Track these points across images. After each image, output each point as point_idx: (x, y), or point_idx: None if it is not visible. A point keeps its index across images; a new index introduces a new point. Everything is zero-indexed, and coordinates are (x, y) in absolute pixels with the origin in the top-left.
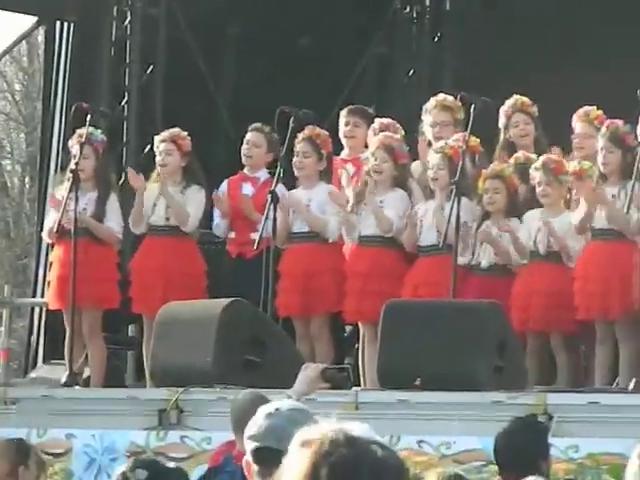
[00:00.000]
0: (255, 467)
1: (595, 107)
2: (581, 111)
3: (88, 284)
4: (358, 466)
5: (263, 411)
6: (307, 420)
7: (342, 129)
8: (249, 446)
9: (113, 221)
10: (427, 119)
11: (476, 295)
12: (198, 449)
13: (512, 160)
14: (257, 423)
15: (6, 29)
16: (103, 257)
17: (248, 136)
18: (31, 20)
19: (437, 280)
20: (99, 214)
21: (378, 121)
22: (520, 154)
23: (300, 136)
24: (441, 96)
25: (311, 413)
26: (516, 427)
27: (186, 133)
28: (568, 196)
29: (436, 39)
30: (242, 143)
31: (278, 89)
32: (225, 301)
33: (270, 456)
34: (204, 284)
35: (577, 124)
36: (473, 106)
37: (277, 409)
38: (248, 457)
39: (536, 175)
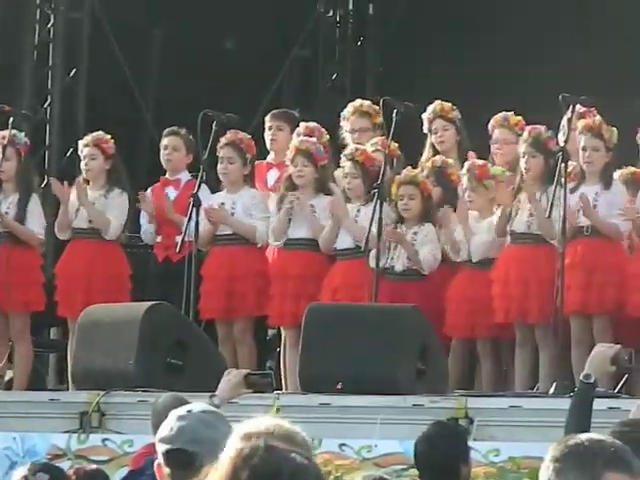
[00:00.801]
0: (166, 470)
1: (513, 113)
2: (499, 117)
3: (14, 288)
4: (278, 471)
5: (175, 413)
6: (220, 422)
7: (266, 133)
8: (160, 448)
9: (34, 223)
10: (346, 125)
11: (389, 299)
12: (120, 452)
13: (429, 164)
14: (169, 425)
15: None
16: (27, 260)
17: (165, 141)
18: None
19: (355, 283)
20: (21, 217)
21: (303, 125)
22: (437, 158)
23: (223, 141)
24: (358, 102)
25: (224, 416)
26: (436, 431)
27: (109, 137)
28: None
29: (359, 43)
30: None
31: (203, 92)
32: (147, 304)
33: (182, 458)
34: (128, 287)
35: (496, 130)
36: (395, 111)
37: (189, 411)
38: (160, 460)
39: (463, 181)
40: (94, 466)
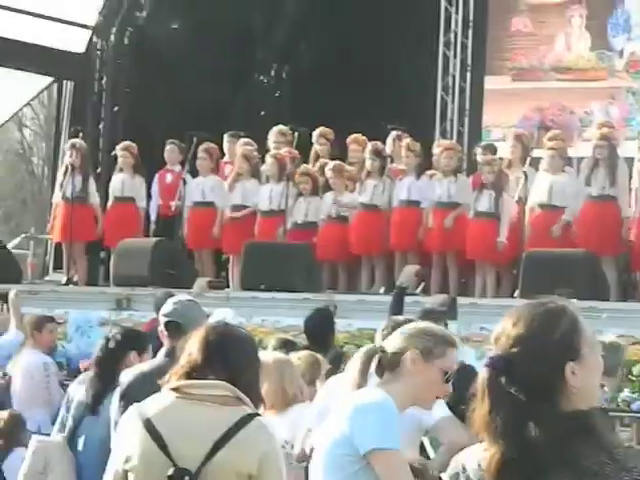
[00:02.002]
0: (165, 332)
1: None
2: (352, 137)
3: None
4: (230, 334)
5: (171, 300)
6: (197, 307)
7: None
8: (162, 320)
9: (94, 196)
10: (271, 139)
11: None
12: (138, 322)
13: (318, 163)
14: (168, 307)
15: None
16: (87, 214)
17: (167, 147)
18: None
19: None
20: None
21: (245, 140)
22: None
23: (200, 148)
24: (279, 127)
25: (199, 303)
26: (315, 313)
27: (134, 144)
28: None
29: (277, 94)
30: None
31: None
32: (156, 239)
33: (175, 327)
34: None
35: (350, 145)
36: (297, 133)
37: (179, 300)
38: (161, 327)
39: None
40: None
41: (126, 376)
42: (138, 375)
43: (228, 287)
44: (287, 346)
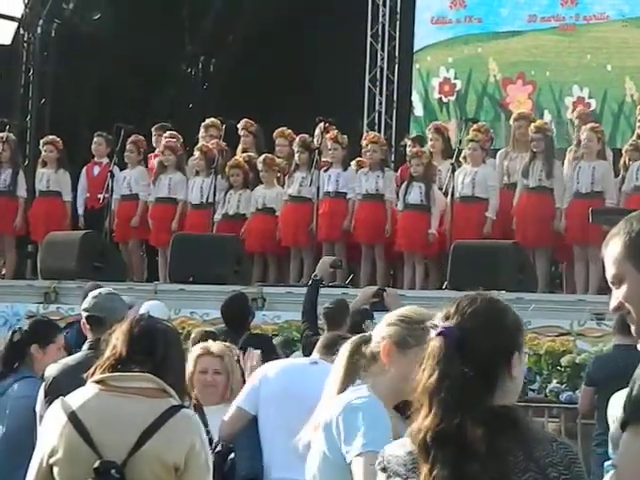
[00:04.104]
0: (88, 326)
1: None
2: (278, 131)
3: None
4: (154, 327)
5: (91, 294)
6: (117, 299)
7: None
8: (83, 314)
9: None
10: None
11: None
12: (65, 315)
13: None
14: (88, 300)
15: None
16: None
17: (95, 139)
18: None
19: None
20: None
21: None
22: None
23: (129, 140)
24: (210, 120)
25: (120, 296)
26: (231, 298)
27: (59, 138)
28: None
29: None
30: None
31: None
32: (83, 232)
33: (96, 320)
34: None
35: (277, 139)
36: (225, 125)
37: (99, 293)
38: (83, 320)
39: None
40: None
41: (51, 370)
42: (63, 368)
43: (156, 279)
44: (208, 338)
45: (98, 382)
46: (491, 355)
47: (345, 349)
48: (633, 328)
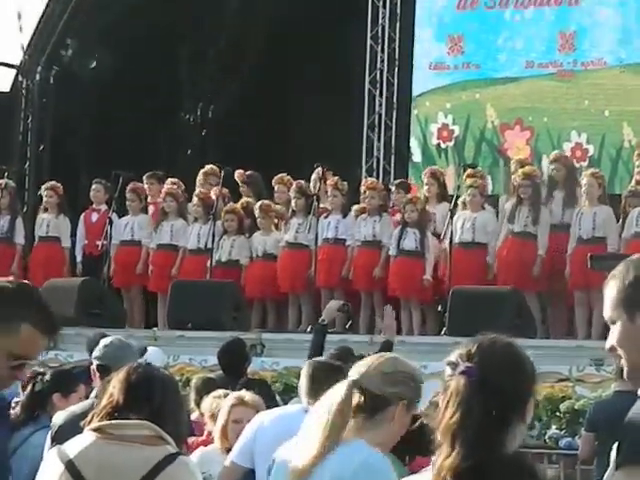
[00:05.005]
0: (97, 374)
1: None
2: (277, 178)
3: None
4: (152, 375)
5: (102, 342)
6: (127, 348)
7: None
8: (94, 362)
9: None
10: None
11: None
12: (68, 361)
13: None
14: (99, 349)
15: None
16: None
17: (93, 186)
18: None
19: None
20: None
21: (171, 180)
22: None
23: (128, 188)
24: (208, 167)
25: (131, 344)
26: (228, 344)
27: (60, 184)
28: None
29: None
30: None
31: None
32: (82, 278)
33: (105, 369)
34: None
35: (276, 186)
36: (223, 172)
37: (110, 341)
38: (94, 367)
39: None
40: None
41: (57, 418)
42: (69, 417)
43: (155, 325)
44: (210, 385)
45: (95, 430)
46: (511, 398)
47: (338, 395)
48: (624, 371)
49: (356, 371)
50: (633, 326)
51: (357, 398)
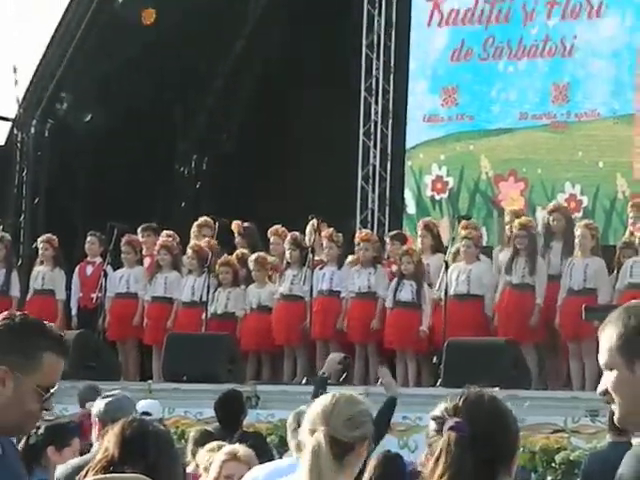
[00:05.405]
0: (98, 431)
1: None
2: (272, 229)
3: None
4: (146, 429)
5: (104, 400)
6: (127, 401)
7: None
8: (95, 418)
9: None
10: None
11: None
12: (63, 414)
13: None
14: (98, 405)
15: None
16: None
17: (89, 239)
18: None
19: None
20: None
21: (166, 232)
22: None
23: (123, 240)
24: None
25: (130, 398)
26: (224, 395)
27: (55, 237)
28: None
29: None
30: None
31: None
32: (77, 331)
33: (104, 424)
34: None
35: (271, 237)
36: (217, 224)
37: (111, 397)
38: (96, 424)
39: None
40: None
41: (59, 470)
42: (70, 469)
43: (150, 377)
44: (207, 437)
45: None
46: (500, 452)
47: (318, 446)
48: (615, 416)
49: (321, 421)
50: (631, 375)
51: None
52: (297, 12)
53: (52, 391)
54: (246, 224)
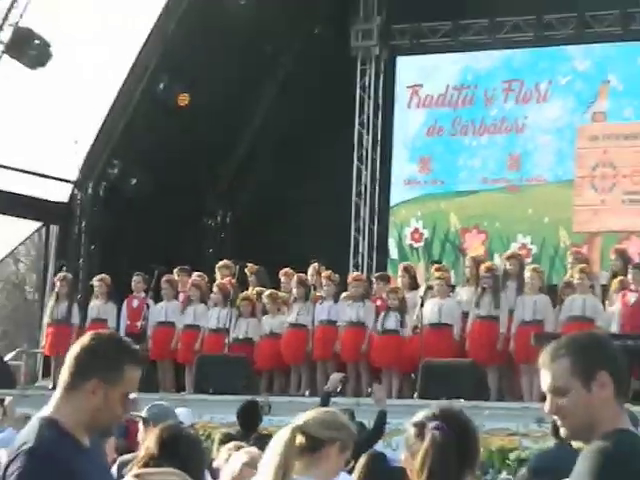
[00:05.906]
0: (143, 428)
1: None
2: (282, 271)
3: None
4: (179, 433)
5: (151, 407)
6: (169, 411)
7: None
8: (141, 422)
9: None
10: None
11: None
12: None
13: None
14: (145, 412)
15: None
16: None
17: (135, 278)
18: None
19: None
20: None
21: (196, 272)
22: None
23: (164, 279)
24: (224, 261)
25: (170, 408)
26: (246, 404)
27: (108, 276)
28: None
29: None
30: None
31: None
32: None
33: (148, 425)
34: None
35: (282, 277)
36: (238, 266)
37: (160, 406)
38: (140, 423)
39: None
40: None
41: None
42: (120, 463)
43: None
44: (229, 438)
45: (136, 476)
46: (469, 450)
47: (280, 443)
48: (564, 432)
49: (300, 418)
50: (588, 393)
51: (299, 440)
52: (303, 97)
53: (131, 397)
54: (257, 267)
